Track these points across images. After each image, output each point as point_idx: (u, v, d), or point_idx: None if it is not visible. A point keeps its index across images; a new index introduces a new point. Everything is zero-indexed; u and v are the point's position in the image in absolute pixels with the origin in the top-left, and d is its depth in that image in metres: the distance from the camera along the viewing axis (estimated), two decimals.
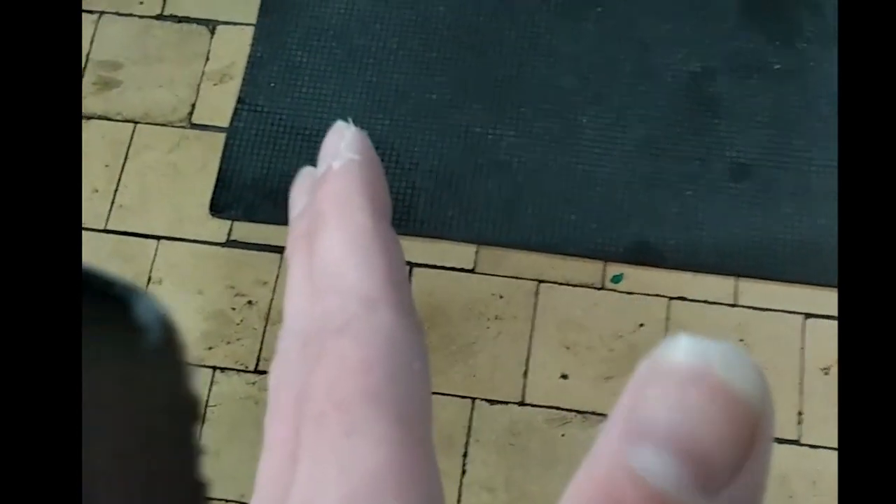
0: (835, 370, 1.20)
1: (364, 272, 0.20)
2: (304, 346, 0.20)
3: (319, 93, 1.41)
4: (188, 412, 0.21)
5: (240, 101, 1.40)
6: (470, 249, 1.30)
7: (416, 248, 1.30)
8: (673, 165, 1.36)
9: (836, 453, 1.16)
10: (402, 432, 0.18)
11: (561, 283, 1.27)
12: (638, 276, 1.28)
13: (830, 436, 1.17)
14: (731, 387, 0.16)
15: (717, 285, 1.26)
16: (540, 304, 1.26)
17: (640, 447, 0.16)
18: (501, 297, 1.27)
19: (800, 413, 1.18)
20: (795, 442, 1.17)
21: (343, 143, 0.22)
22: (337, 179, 0.22)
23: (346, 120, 0.24)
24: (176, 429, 0.21)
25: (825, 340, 1.22)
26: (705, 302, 1.25)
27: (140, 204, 1.32)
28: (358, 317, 0.19)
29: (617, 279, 1.28)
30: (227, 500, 1.14)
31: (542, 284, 1.27)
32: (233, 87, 1.40)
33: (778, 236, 1.30)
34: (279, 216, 1.32)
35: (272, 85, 1.42)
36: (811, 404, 1.19)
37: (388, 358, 0.19)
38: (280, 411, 0.20)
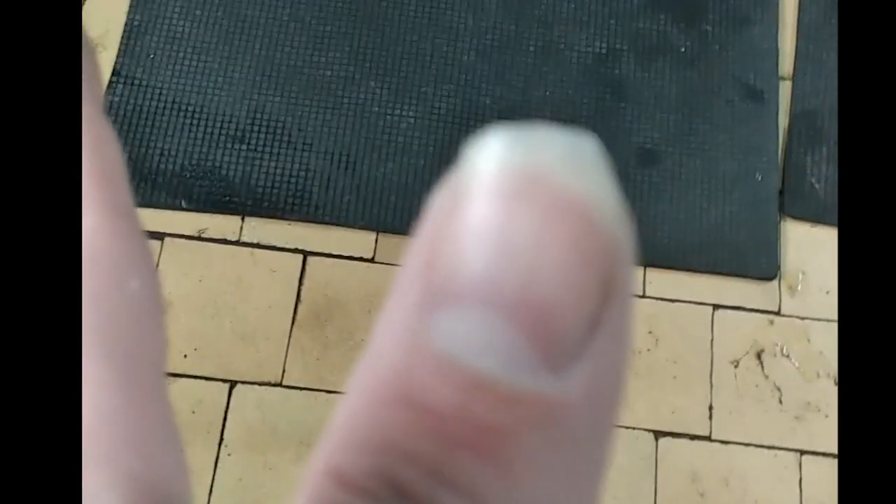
0: (745, 362, 1.18)
1: None
2: None
3: (203, 66, 1.30)
4: None
5: (115, 73, 1.28)
6: (369, 237, 1.22)
7: (311, 236, 1.21)
8: None
9: (747, 449, 1.13)
10: (112, 371, 0.13)
11: None
12: None
13: (741, 431, 1.14)
14: (576, 196, 0.11)
15: None
16: None
17: (445, 314, 0.11)
18: None
19: (710, 408, 1.15)
20: (706, 438, 1.14)
21: None
22: None
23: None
24: None
25: (734, 332, 1.19)
26: None
27: None
28: None
29: None
30: None
31: None
32: (107, 58, 1.28)
33: (686, 225, 1.26)
34: (159, 199, 1.22)
35: (151, 56, 1.30)
36: (721, 398, 1.16)
37: (87, 273, 0.14)
38: None
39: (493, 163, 0.12)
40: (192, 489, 0.13)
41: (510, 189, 0.11)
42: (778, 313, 1.20)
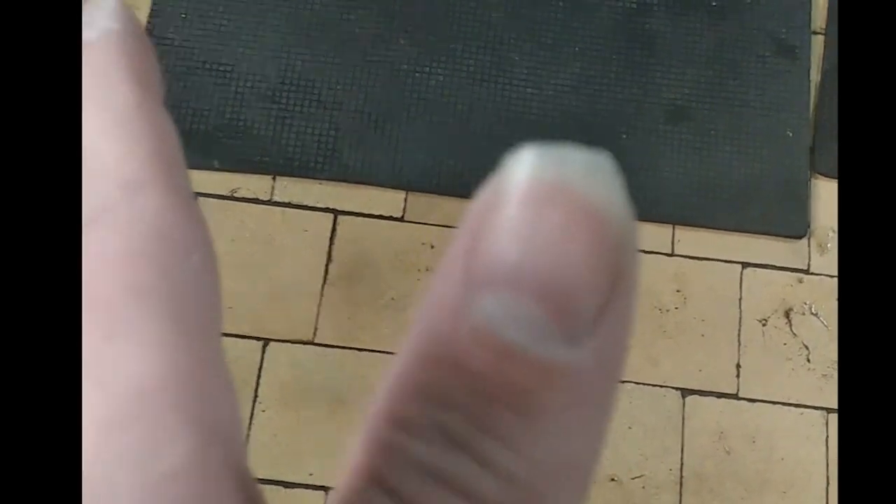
0: (773, 321, 1.18)
1: (124, 151, 0.17)
2: None
3: (234, 25, 1.31)
4: None
5: (147, 33, 1.29)
6: (398, 196, 1.23)
7: (341, 195, 1.22)
8: (607, 107, 1.31)
9: (774, 407, 1.14)
10: (178, 334, 0.15)
11: None
12: None
13: (768, 389, 1.15)
14: (593, 204, 0.14)
15: (654, 234, 1.22)
16: None
17: (484, 293, 0.14)
18: (432, 246, 1.21)
19: (738, 366, 1.16)
20: (733, 396, 1.15)
21: (99, 13, 0.18)
22: (92, 52, 0.18)
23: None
24: None
25: (763, 290, 1.19)
26: (642, 251, 1.21)
27: None
28: (117, 203, 0.16)
29: None
30: None
31: None
32: (139, 19, 1.29)
33: (715, 182, 1.26)
34: (192, 160, 1.23)
35: (183, 16, 1.31)
36: (749, 357, 1.17)
37: (155, 248, 0.16)
38: None
39: (527, 174, 0.14)
40: (243, 432, 0.16)
41: (540, 196, 0.14)
42: (807, 271, 1.20)
